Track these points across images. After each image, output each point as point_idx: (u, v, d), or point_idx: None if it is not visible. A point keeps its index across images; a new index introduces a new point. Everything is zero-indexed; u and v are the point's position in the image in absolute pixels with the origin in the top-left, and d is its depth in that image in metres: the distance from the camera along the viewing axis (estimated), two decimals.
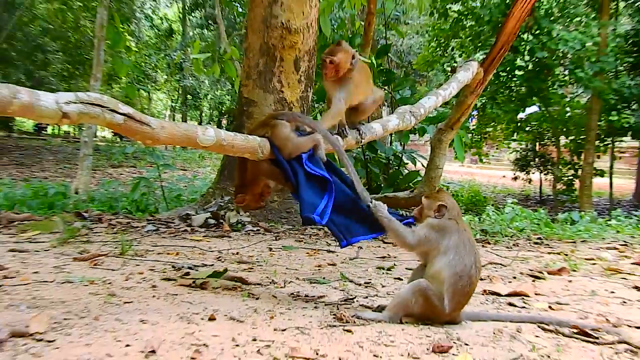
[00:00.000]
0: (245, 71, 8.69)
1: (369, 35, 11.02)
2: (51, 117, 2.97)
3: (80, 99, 3.06)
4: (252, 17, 8.57)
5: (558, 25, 17.85)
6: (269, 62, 8.42)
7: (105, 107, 3.15)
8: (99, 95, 3.17)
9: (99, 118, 3.13)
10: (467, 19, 19.82)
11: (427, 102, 5.82)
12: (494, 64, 7.53)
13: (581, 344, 3.34)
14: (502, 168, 32.87)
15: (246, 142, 3.92)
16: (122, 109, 3.23)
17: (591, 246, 7.63)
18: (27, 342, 2.85)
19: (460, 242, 3.53)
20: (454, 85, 6.40)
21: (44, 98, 2.92)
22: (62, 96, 3.00)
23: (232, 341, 3.05)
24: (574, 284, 5.07)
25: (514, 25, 7.37)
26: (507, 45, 7.50)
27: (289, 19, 8.29)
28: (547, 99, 19.05)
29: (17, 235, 6.17)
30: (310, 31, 8.50)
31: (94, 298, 3.75)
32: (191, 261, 5.25)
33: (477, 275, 3.51)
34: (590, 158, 18.76)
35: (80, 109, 3.04)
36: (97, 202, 10.61)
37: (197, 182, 17.72)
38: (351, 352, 3.01)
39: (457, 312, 3.54)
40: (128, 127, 3.27)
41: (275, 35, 8.33)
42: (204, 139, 3.69)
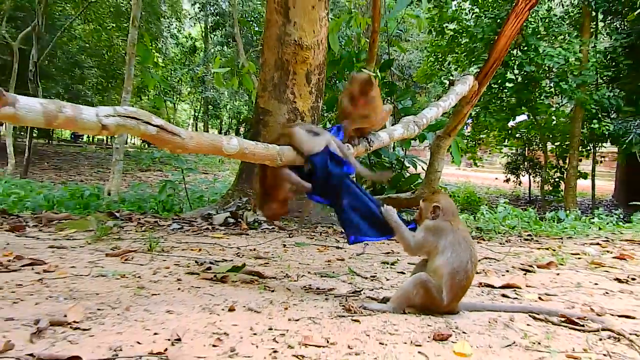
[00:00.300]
0: (261, 84, 8.69)
1: (374, 51, 10.98)
2: (92, 128, 2.97)
3: (118, 113, 3.06)
4: (268, 35, 8.57)
5: (544, 42, 17.85)
6: (283, 76, 8.42)
7: (140, 119, 3.14)
8: (134, 109, 3.17)
9: (135, 129, 3.13)
10: (462, 37, 19.81)
11: (429, 113, 5.79)
12: (487, 77, 7.49)
13: (568, 331, 3.31)
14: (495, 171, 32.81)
15: (266, 150, 3.90)
16: (155, 121, 3.23)
17: (576, 242, 7.58)
18: (65, 330, 2.85)
19: (456, 241, 3.49)
20: (453, 97, 6.37)
21: (86, 112, 2.92)
22: (101, 110, 3.00)
23: (250, 330, 3.03)
24: (561, 277, 5.03)
25: (505, 43, 7.34)
26: (499, 60, 7.47)
27: (301, 37, 8.29)
28: (535, 109, 19.06)
29: (55, 233, 6.16)
30: (320, 47, 8.50)
31: (124, 290, 3.74)
32: (212, 257, 5.23)
33: (473, 270, 3.48)
34: (574, 162, 18.78)
35: (118, 121, 3.03)
36: (127, 203, 10.61)
37: (217, 185, 17.71)
38: (359, 340, 2.99)
39: (455, 303, 3.52)
40: (160, 137, 3.26)
41: (288, 52, 8.33)
42: (229, 147, 3.67)
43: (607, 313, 3.74)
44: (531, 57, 17.12)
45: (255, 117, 8.82)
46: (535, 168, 22.56)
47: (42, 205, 9.54)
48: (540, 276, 5.05)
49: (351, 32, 12.03)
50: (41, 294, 3.53)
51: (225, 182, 17.80)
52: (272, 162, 3.96)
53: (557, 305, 3.93)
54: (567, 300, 4.12)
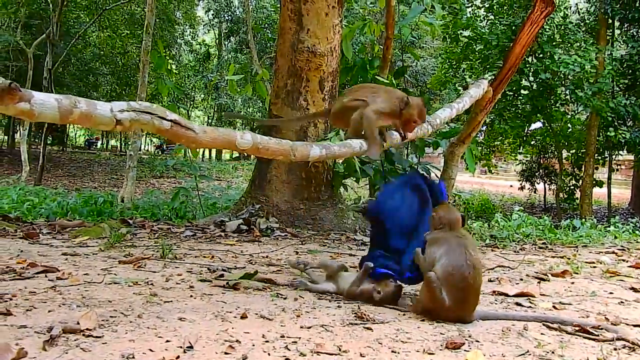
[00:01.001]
0: (274, 91, 8.72)
1: (387, 58, 11.00)
2: (106, 124, 3.00)
3: (132, 107, 3.08)
4: (281, 42, 8.60)
5: (559, 50, 17.77)
6: (296, 83, 8.44)
7: (155, 114, 3.17)
8: (149, 104, 3.20)
9: (149, 124, 3.15)
10: (477, 44, 19.75)
11: (443, 113, 5.79)
12: (502, 84, 7.50)
13: (583, 340, 3.30)
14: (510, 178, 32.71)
15: (279, 145, 3.92)
16: (170, 116, 3.25)
17: (591, 250, 7.54)
18: (78, 337, 2.86)
19: (450, 248, 3.60)
20: (467, 100, 6.36)
21: (100, 107, 2.95)
22: (116, 105, 3.03)
23: (262, 338, 3.04)
24: (576, 286, 5.01)
25: (520, 50, 7.34)
26: (514, 67, 7.46)
27: (314, 44, 8.31)
28: (550, 116, 18.97)
29: (69, 240, 6.20)
30: (333, 54, 8.52)
31: (137, 298, 3.76)
32: (225, 264, 5.24)
33: (472, 273, 3.50)
34: (590, 170, 18.67)
35: (132, 116, 3.06)
36: (141, 210, 10.65)
37: (230, 192, 17.77)
38: (371, 348, 3.00)
39: (463, 309, 3.54)
40: (174, 132, 3.28)
41: (302, 59, 8.36)
42: (242, 142, 3.69)
43: (622, 322, 3.73)
44: (546, 64, 17.05)
45: (269, 124, 8.86)
46: (550, 176, 22.47)
47: (56, 212, 9.59)
48: (555, 285, 5.03)
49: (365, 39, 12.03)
50: (54, 301, 3.55)
51: (239, 189, 17.85)
52: (285, 157, 3.99)
53: (571, 314, 3.91)
54: (582, 309, 4.11)
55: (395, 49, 16.35)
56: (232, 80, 11.84)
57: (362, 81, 10.43)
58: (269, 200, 8.29)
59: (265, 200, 8.29)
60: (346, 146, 4.48)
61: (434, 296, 3.51)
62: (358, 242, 7.38)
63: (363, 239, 7.65)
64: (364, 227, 8.42)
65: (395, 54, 19.62)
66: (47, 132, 26.19)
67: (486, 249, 7.38)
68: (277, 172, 8.33)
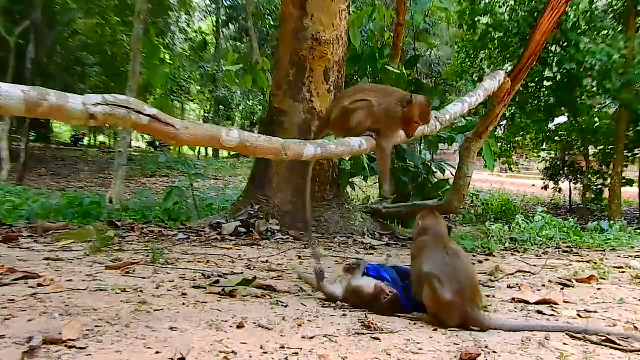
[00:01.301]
0: (275, 81, 8.72)
1: (398, 47, 10.99)
2: (79, 118, 2.98)
3: (107, 101, 3.06)
4: (283, 30, 8.60)
5: (585, 38, 17.71)
6: (299, 73, 8.44)
7: (131, 108, 3.15)
8: (126, 97, 3.18)
9: (125, 119, 3.13)
10: (496, 31, 19.70)
11: (453, 109, 5.76)
12: (522, 74, 7.46)
13: (609, 351, 3.28)
14: (532, 177, 32.65)
15: (269, 143, 3.90)
16: (148, 110, 3.23)
17: (620, 255, 7.51)
18: (60, 349, 2.86)
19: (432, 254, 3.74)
20: (480, 93, 6.32)
21: (72, 100, 2.93)
22: (89, 98, 3.01)
23: (261, 349, 3.03)
24: (603, 292, 4.99)
25: (542, 37, 7.31)
26: (535, 56, 7.43)
27: (318, 31, 8.31)
28: (576, 110, 18.91)
29: (52, 244, 6.21)
30: (340, 42, 8.51)
31: (125, 306, 3.76)
32: (221, 269, 5.24)
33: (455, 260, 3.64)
34: (619, 168, 18.58)
35: (106, 110, 3.04)
36: (131, 212, 10.65)
37: (228, 192, 17.79)
38: (378, 359, 2.98)
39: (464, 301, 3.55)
40: (153, 127, 3.27)
41: (305, 47, 8.35)
42: (228, 139, 3.66)
43: None
44: (571, 54, 16.99)
45: (269, 117, 8.86)
46: (576, 174, 22.35)
47: (39, 214, 9.59)
48: (580, 291, 5.01)
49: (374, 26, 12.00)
50: (35, 309, 3.55)
51: (237, 189, 17.85)
52: (276, 156, 3.97)
53: (597, 323, 3.89)
54: (609, 317, 4.09)
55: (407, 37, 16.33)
56: (231, 70, 11.84)
57: (371, 72, 10.43)
58: (269, 200, 8.29)
59: (266, 200, 8.29)
60: (344, 145, 4.47)
61: (435, 294, 3.56)
62: (366, 245, 7.38)
63: (372, 242, 7.65)
64: (372, 230, 8.42)
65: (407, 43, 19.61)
66: (30, 128, 26.23)
67: (505, 252, 7.36)
68: (278, 170, 8.32)
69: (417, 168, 10.62)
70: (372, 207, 9.43)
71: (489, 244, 7.59)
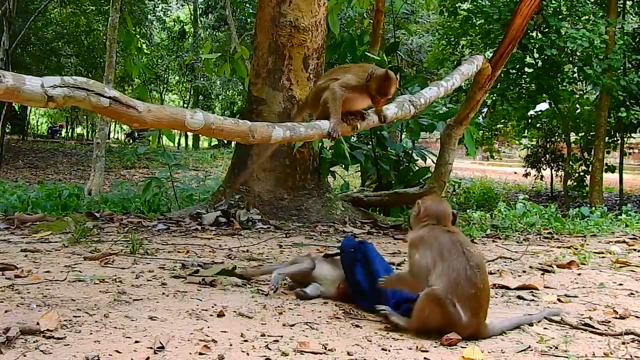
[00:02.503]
0: (254, 69, 8.69)
1: (378, 33, 11.00)
2: (37, 100, 2.97)
3: (66, 83, 3.05)
4: (261, 17, 8.58)
5: (566, 24, 17.78)
6: (278, 61, 8.42)
7: (91, 90, 3.14)
8: (85, 79, 3.17)
9: (85, 101, 3.12)
10: (477, 17, 19.72)
11: (428, 92, 5.73)
12: (502, 60, 7.49)
13: (589, 335, 3.34)
14: (514, 165, 32.77)
15: (236, 125, 3.89)
16: (108, 92, 3.22)
17: (601, 240, 7.57)
18: (37, 339, 2.87)
19: (444, 248, 3.27)
20: (457, 78, 6.31)
21: (30, 82, 2.92)
22: (47, 80, 3.00)
23: (241, 337, 3.06)
24: (583, 277, 5.04)
25: (522, 22, 7.33)
26: (515, 41, 7.46)
27: (297, 18, 8.29)
28: (557, 96, 18.98)
29: (29, 236, 6.17)
30: (318, 29, 8.50)
31: (104, 296, 3.76)
32: (201, 259, 5.24)
33: (478, 276, 3.19)
34: (600, 154, 18.67)
35: (65, 92, 3.03)
36: (110, 203, 10.61)
37: (209, 182, 17.73)
38: (359, 345, 3.02)
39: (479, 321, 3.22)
40: (114, 110, 3.25)
41: (284, 34, 8.33)
42: (192, 122, 3.64)
43: (631, 315, 3.76)
44: (552, 39, 17.04)
45: (248, 106, 8.83)
46: (557, 161, 22.47)
47: (16, 206, 9.52)
48: (560, 277, 5.07)
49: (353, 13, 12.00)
50: (12, 301, 3.55)
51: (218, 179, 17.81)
52: (243, 139, 3.96)
53: (577, 308, 3.94)
54: (589, 302, 4.14)
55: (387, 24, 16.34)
56: (208, 59, 11.80)
57: (350, 59, 10.42)
58: (249, 190, 8.28)
59: (246, 190, 8.28)
60: (314, 127, 4.45)
61: (446, 314, 3.15)
62: (348, 234, 7.39)
63: (353, 230, 7.66)
64: (353, 218, 8.44)
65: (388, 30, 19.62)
66: (6, 120, 26.02)
67: (487, 239, 7.40)
68: (259, 158, 8.30)
69: (398, 156, 10.64)
70: (353, 196, 9.45)
71: (470, 231, 7.62)
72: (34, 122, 55.74)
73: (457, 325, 3.16)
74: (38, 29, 33.51)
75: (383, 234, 7.68)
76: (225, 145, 41.49)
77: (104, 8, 31.35)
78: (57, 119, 56.67)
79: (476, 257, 3.26)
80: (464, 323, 3.15)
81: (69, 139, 48.61)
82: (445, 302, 3.14)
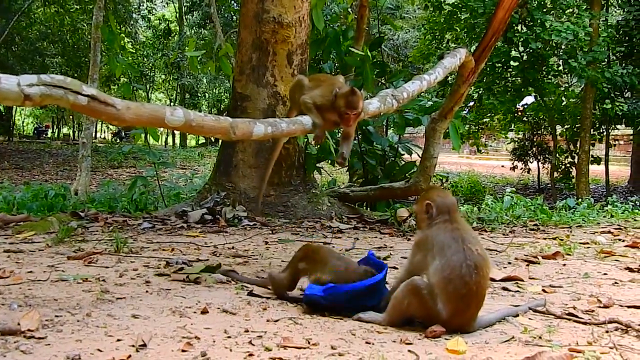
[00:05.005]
0: (238, 66, 8.66)
1: (362, 28, 10.99)
2: (13, 99, 2.95)
3: (43, 81, 3.02)
4: (244, 13, 8.55)
5: (551, 17, 17.83)
6: (262, 57, 8.39)
7: (68, 88, 3.11)
8: (62, 77, 3.14)
9: (63, 99, 3.09)
10: (462, 12, 19.76)
11: (411, 86, 5.73)
12: (485, 53, 7.50)
13: (573, 324, 3.36)
14: (501, 158, 32.89)
15: (217, 122, 3.87)
16: (86, 90, 3.19)
17: (586, 231, 7.61)
18: (18, 339, 2.84)
19: (445, 244, 3.18)
20: (440, 71, 6.31)
21: (5, 80, 2.90)
22: (24, 78, 2.97)
23: (224, 333, 3.04)
24: (568, 267, 5.06)
25: (504, 15, 7.34)
26: (498, 34, 7.47)
27: (280, 14, 8.26)
28: (543, 89, 19.05)
29: (12, 237, 6.11)
30: (302, 25, 8.48)
31: (86, 295, 3.74)
32: (186, 257, 5.20)
33: (474, 276, 3.09)
34: (586, 146, 18.78)
35: (42, 91, 3.00)
36: (97, 203, 10.54)
37: (196, 180, 17.70)
38: (343, 339, 3.01)
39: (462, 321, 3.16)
40: (92, 108, 3.23)
41: (267, 30, 8.30)
42: (172, 119, 3.62)
43: (615, 304, 3.78)
44: (537, 32, 17.10)
45: (233, 103, 8.80)
46: (544, 154, 22.58)
47: (1, 208, 9.46)
48: (545, 268, 5.09)
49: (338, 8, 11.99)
50: None
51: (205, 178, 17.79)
52: (224, 135, 3.94)
53: (562, 298, 3.95)
54: (573, 291, 4.16)
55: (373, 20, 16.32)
56: (193, 57, 11.76)
57: (336, 55, 10.41)
58: (235, 187, 8.25)
59: (232, 187, 8.25)
60: (296, 123, 4.45)
61: (424, 306, 3.16)
62: (334, 229, 7.39)
63: (339, 226, 7.66)
64: (340, 213, 8.43)
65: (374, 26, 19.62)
66: None
67: None
68: (244, 156, 8.28)
69: (384, 151, 10.64)
70: (339, 191, 9.44)
71: None
72: (19, 123, 55.49)
73: (437, 320, 3.13)
74: (22, 28, 33.35)
75: (369, 229, 7.68)
76: (213, 144, 41.43)
77: (88, 7, 31.22)
78: (43, 120, 56.50)
79: (476, 257, 3.15)
80: (442, 320, 3.13)
81: (55, 140, 48.45)
82: (425, 294, 3.14)
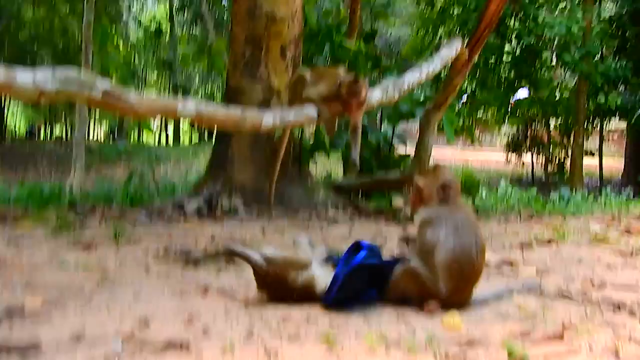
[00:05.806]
0: (231, 61, 8.68)
1: (355, 23, 11.04)
2: (29, 95, 2.97)
3: (58, 77, 3.05)
4: (236, 9, 8.56)
5: (544, 11, 17.89)
6: (255, 52, 8.40)
7: (83, 83, 3.15)
8: (76, 73, 3.17)
9: (78, 95, 3.14)
10: (454, 8, 19.82)
11: (410, 77, 5.81)
12: (478, 45, 7.58)
13: (567, 303, 3.42)
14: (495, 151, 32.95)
15: (227, 112, 3.91)
16: (100, 85, 3.23)
17: (580, 219, 7.67)
18: (23, 318, 2.91)
19: (458, 224, 3.25)
20: (437, 62, 6.40)
21: (21, 76, 2.92)
22: (40, 74, 3.00)
23: (225, 310, 3.10)
24: (562, 252, 5.11)
25: (496, 8, 7.43)
26: (490, 27, 7.56)
27: (273, 9, 8.28)
28: (536, 83, 19.12)
29: (10, 229, 6.13)
30: (295, 20, 8.50)
31: (88, 280, 3.79)
32: (185, 245, 5.26)
33: (479, 257, 3.23)
34: (580, 139, 18.86)
35: (57, 86, 3.03)
36: (92, 198, 10.55)
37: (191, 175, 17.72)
38: (342, 315, 3.07)
39: (461, 297, 3.25)
40: (107, 102, 3.28)
41: (260, 25, 8.31)
42: (184, 111, 3.69)
43: (608, 285, 3.85)
44: (530, 27, 17.18)
45: (227, 98, 8.83)
46: (538, 147, 22.64)
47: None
48: (540, 252, 5.14)
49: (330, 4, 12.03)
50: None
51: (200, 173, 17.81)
52: (235, 127, 3.99)
53: (556, 280, 4.02)
54: (567, 274, 4.21)
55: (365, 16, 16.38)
56: (186, 54, 11.80)
57: (329, 49, 10.46)
58: (231, 178, 8.29)
59: (228, 178, 8.29)
60: (302, 113, 4.52)
61: (424, 288, 3.22)
62: (329, 219, 7.44)
63: (335, 216, 7.70)
64: (335, 203, 8.48)
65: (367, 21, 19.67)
66: None
67: None
68: (239, 148, 8.31)
69: (378, 143, 10.69)
70: (334, 182, 9.49)
71: None
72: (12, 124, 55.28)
73: (435, 298, 3.20)
74: (12, 31, 33.24)
75: (365, 219, 7.73)
76: (207, 143, 41.35)
77: (78, 9, 31.13)
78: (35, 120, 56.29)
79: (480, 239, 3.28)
80: (443, 297, 3.19)
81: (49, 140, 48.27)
82: (422, 277, 3.21)
